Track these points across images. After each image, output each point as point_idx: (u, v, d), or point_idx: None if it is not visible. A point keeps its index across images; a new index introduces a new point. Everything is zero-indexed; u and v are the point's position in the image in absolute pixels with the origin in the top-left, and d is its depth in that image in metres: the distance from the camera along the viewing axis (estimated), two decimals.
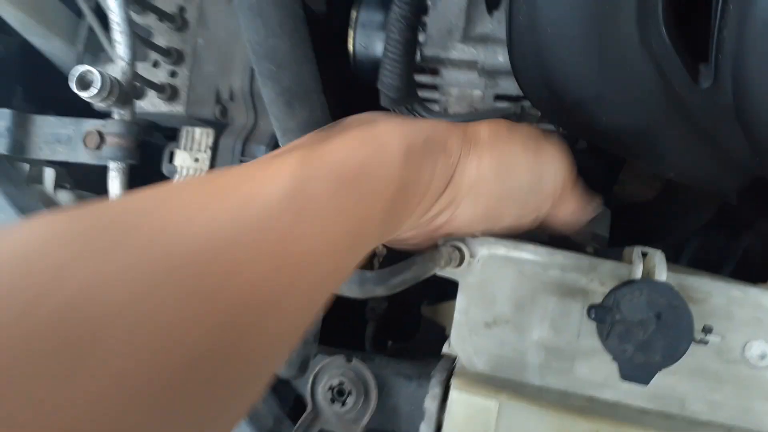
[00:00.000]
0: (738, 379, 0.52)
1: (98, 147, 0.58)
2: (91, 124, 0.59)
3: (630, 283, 0.49)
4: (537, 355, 0.56)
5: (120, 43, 0.53)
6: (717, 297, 0.53)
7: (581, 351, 0.55)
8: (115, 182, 0.56)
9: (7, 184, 0.57)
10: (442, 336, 0.69)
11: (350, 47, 0.67)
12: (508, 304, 0.57)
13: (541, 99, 0.51)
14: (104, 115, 0.62)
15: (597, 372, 0.55)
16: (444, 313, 0.72)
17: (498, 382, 0.57)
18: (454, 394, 0.55)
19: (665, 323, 0.48)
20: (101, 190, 0.63)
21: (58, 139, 0.59)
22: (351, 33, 0.67)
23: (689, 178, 0.54)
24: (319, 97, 0.49)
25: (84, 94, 0.51)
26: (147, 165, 0.78)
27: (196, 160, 0.64)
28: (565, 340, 0.55)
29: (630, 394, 0.54)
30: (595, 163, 0.84)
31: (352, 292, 0.53)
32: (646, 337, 0.49)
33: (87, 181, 0.65)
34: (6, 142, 0.59)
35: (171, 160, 0.66)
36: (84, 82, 0.51)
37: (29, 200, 0.58)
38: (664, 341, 0.48)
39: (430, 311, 0.75)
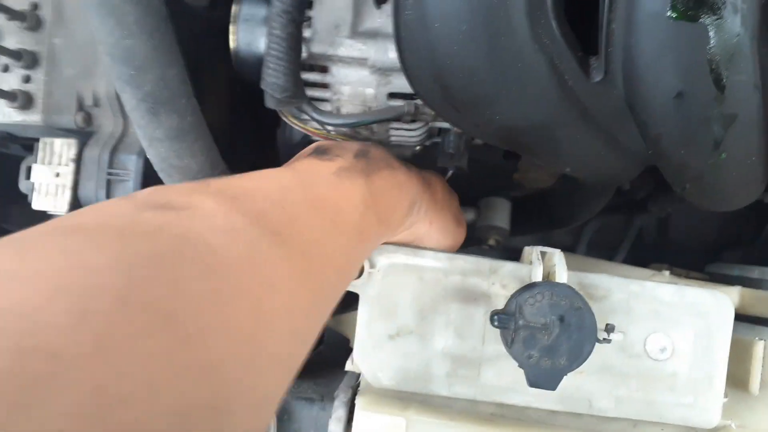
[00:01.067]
0: (641, 374, 0.52)
1: None
2: None
3: (531, 286, 0.48)
4: (443, 364, 0.53)
5: None
6: (617, 293, 0.52)
7: (487, 357, 0.53)
8: None
9: None
10: (347, 347, 0.66)
11: (232, 44, 0.62)
12: (411, 314, 0.54)
13: (433, 97, 0.48)
14: None
15: (503, 377, 0.53)
16: (348, 324, 0.68)
17: (405, 396, 0.54)
18: (359, 414, 0.52)
19: (568, 326, 0.47)
20: None
21: None
22: (232, 29, 0.62)
23: (585, 172, 0.54)
24: (189, 102, 0.44)
25: None
26: (4, 181, 0.69)
27: (57, 174, 0.57)
28: (470, 347, 0.53)
29: (538, 397, 0.53)
30: (490, 155, 0.84)
31: None
32: (551, 342, 0.47)
33: None
34: None
35: (28, 176, 0.58)
36: None
37: None
38: (569, 344, 0.47)
39: (333, 322, 0.71)
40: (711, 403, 0.51)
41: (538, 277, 0.50)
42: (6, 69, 0.58)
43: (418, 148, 0.69)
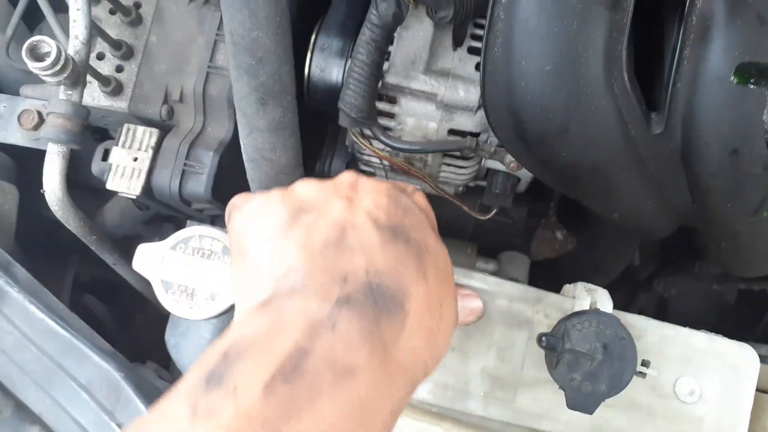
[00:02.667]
0: (669, 414, 0.54)
1: (35, 128, 0.53)
2: (29, 103, 0.54)
3: (580, 313, 0.51)
4: (481, 384, 0.56)
5: (77, 22, 0.50)
6: (651, 335, 0.55)
7: (524, 382, 0.55)
8: (53, 167, 0.51)
9: None
10: None
11: (306, 69, 0.67)
12: (455, 332, 0.56)
13: (506, 130, 0.53)
14: None
15: (538, 403, 0.55)
16: None
17: (440, 411, 0.56)
18: (400, 420, 0.53)
19: (611, 354, 0.50)
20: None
21: None
22: (309, 55, 0.67)
23: (631, 220, 0.58)
24: (293, 99, 0.48)
25: (35, 65, 0.46)
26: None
27: (135, 159, 0.60)
28: (509, 370, 0.56)
29: (568, 426, 0.55)
30: (516, 213, 0.88)
31: None
32: (593, 368, 0.50)
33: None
34: None
35: (105, 158, 0.61)
36: (36, 53, 0.47)
37: None
38: (610, 372, 0.50)
39: None
40: None
41: (584, 307, 0.53)
42: (101, 57, 0.62)
43: (461, 188, 0.74)
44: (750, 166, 0.47)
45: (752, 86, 0.46)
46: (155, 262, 0.50)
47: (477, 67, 0.63)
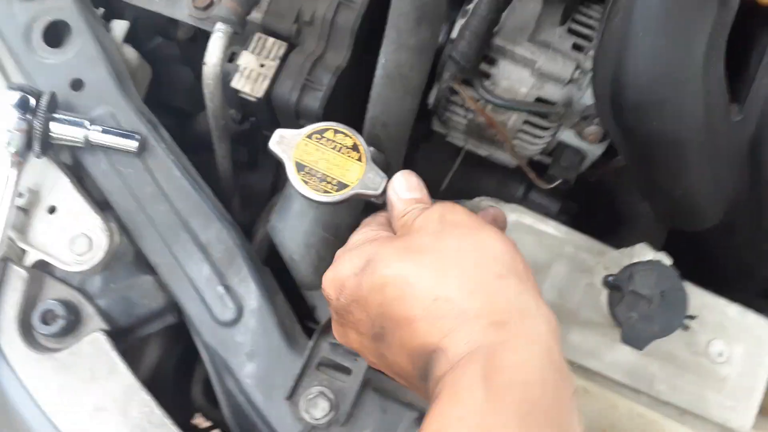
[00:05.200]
0: (699, 370, 0.61)
1: (206, 8, 0.59)
2: None
3: (645, 262, 0.58)
4: None
5: None
6: (693, 299, 0.63)
7: (578, 320, 0.62)
8: (217, 44, 0.56)
9: (90, 16, 0.55)
10: None
11: None
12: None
13: (605, 95, 0.60)
14: None
15: (587, 342, 0.62)
16: None
17: None
18: None
19: (667, 301, 0.57)
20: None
21: None
22: None
23: (691, 198, 0.65)
24: (440, 25, 0.55)
25: None
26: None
27: (262, 65, 0.66)
28: (566, 309, 0.63)
29: (611, 367, 0.62)
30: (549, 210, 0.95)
31: None
32: (650, 310, 0.57)
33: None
34: None
35: (231, 59, 0.67)
36: None
37: (105, 38, 0.56)
38: (663, 316, 0.57)
39: None
40: (748, 411, 0.61)
41: (649, 257, 0.60)
42: None
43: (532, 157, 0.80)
44: None
45: None
46: (290, 145, 0.55)
47: (574, 46, 0.71)
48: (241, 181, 0.82)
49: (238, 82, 0.65)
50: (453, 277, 0.42)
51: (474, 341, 0.39)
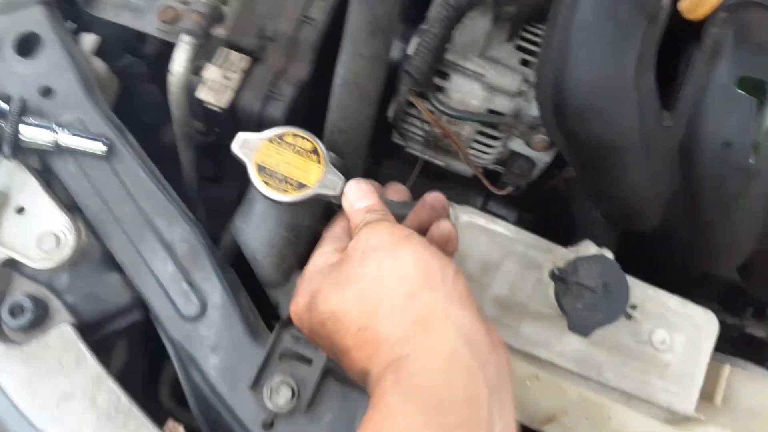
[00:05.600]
0: (643, 357, 0.65)
1: (172, 21, 0.62)
2: (169, 2, 0.63)
3: (590, 256, 0.62)
4: (492, 310, 0.66)
5: None
6: (636, 292, 0.67)
7: (529, 313, 0.66)
8: (182, 54, 0.60)
9: (60, 29, 0.58)
10: None
11: None
12: (477, 265, 0.67)
13: (550, 105, 0.65)
14: None
15: (538, 334, 0.65)
16: None
17: None
18: None
19: (610, 291, 0.61)
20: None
21: (126, 5, 0.61)
22: None
23: (629, 200, 0.70)
24: (390, 41, 0.59)
25: None
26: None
27: (226, 77, 0.69)
28: (517, 303, 0.66)
29: (560, 356, 0.65)
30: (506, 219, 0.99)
31: None
32: (594, 300, 0.61)
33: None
34: None
35: (196, 72, 0.70)
36: None
37: (74, 49, 0.59)
38: (606, 306, 0.61)
39: None
40: (690, 394, 0.64)
41: (593, 252, 0.64)
42: None
43: (486, 167, 0.85)
44: (737, 156, 0.60)
45: (747, 95, 0.59)
46: (252, 148, 0.59)
47: (521, 61, 0.76)
48: (207, 194, 0.85)
49: (202, 93, 0.69)
50: (370, 306, 0.48)
51: (387, 359, 0.45)
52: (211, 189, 0.89)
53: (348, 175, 0.60)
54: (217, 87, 0.69)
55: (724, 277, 0.90)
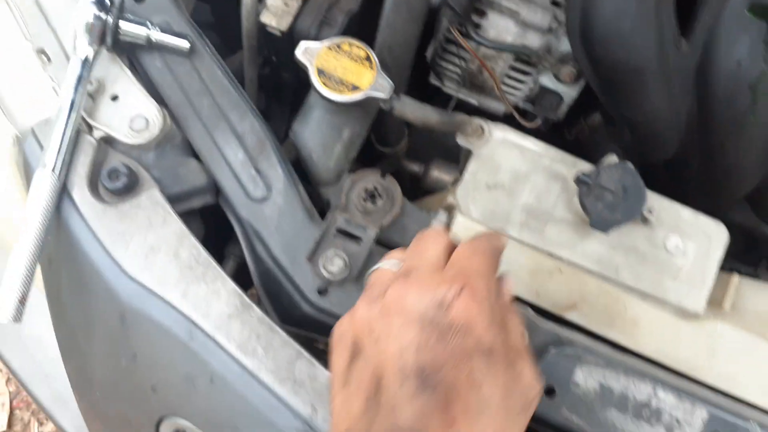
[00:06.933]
0: (658, 261, 0.72)
1: None
2: None
3: (610, 165, 0.69)
4: (521, 215, 0.73)
5: None
6: (652, 201, 0.73)
7: (553, 218, 0.73)
8: None
9: None
10: None
11: None
12: (508, 175, 0.74)
13: (577, 32, 0.72)
14: None
15: (561, 236, 0.72)
16: (427, 205, 0.86)
17: (486, 228, 0.72)
18: (459, 218, 0.70)
19: (628, 194, 0.68)
20: None
21: None
22: None
23: (651, 124, 0.77)
24: None
25: None
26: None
27: (286, 4, 0.78)
28: (543, 209, 0.73)
29: (581, 256, 0.72)
30: None
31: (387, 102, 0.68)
32: (614, 201, 0.68)
33: None
34: None
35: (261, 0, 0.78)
36: None
37: None
38: (625, 206, 0.68)
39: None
40: (700, 295, 0.71)
41: (615, 161, 0.71)
42: None
43: (518, 102, 0.92)
44: (747, 74, 0.67)
45: (758, 19, 0.66)
46: (313, 54, 0.67)
47: (552, 2, 0.83)
48: None
49: (265, 17, 0.77)
50: None
51: None
52: None
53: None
54: (278, 12, 0.77)
55: (738, 225, 0.97)
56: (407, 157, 0.93)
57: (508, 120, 0.90)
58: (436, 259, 0.49)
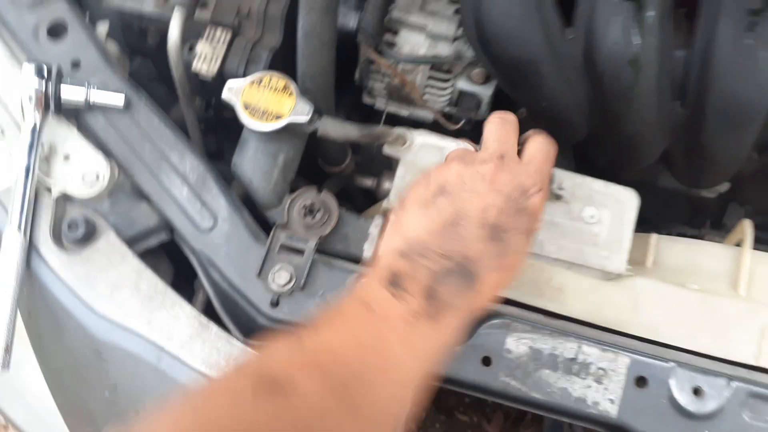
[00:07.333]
0: (576, 231, 0.79)
1: (166, 0, 0.78)
2: None
3: None
4: None
5: None
6: (566, 180, 0.81)
7: None
8: (176, 21, 0.76)
9: (80, 17, 0.75)
10: None
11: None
12: None
13: (473, 33, 0.80)
14: None
15: None
16: (373, 212, 0.94)
17: None
18: None
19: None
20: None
21: None
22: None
23: (554, 110, 0.84)
24: None
25: None
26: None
27: (214, 50, 0.85)
28: None
29: None
30: None
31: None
32: None
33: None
34: None
35: (191, 49, 0.86)
36: None
37: (93, 31, 0.76)
38: None
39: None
40: (620, 256, 0.78)
41: None
42: None
43: (442, 108, 0.99)
44: (626, 52, 0.75)
45: (626, 1, 0.74)
46: (238, 92, 0.74)
47: (455, 11, 0.91)
48: None
49: (196, 66, 0.85)
50: None
51: None
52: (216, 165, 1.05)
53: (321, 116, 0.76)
54: (207, 58, 0.85)
55: (671, 191, 1.05)
56: (360, 174, 1.01)
57: (437, 125, 0.99)
58: (515, 147, 0.69)
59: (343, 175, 1.01)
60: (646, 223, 0.93)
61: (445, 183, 0.63)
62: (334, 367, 0.51)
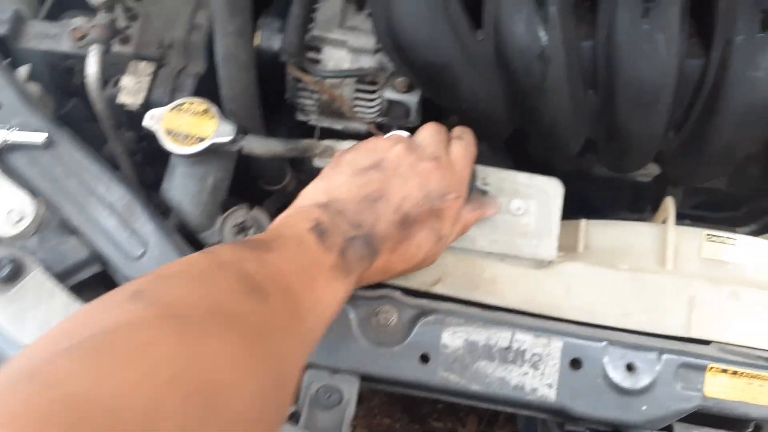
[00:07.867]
0: (506, 224, 0.81)
1: (82, 38, 0.79)
2: (77, 21, 0.81)
3: None
4: None
5: None
6: (491, 175, 0.83)
7: None
8: (93, 58, 0.77)
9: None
10: None
11: (256, 42, 0.96)
12: None
13: (388, 42, 0.82)
14: None
15: None
16: None
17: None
18: None
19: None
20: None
21: (45, 34, 0.79)
22: (258, 33, 0.97)
23: (474, 109, 0.87)
24: (249, 13, 0.77)
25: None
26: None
27: (138, 82, 0.86)
28: None
29: None
30: None
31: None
32: None
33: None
34: (5, 28, 0.79)
35: (116, 84, 0.87)
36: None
37: (12, 74, 0.77)
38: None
39: None
40: (549, 244, 0.80)
41: None
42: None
43: (374, 119, 1.02)
44: (532, 47, 0.78)
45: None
46: (159, 119, 0.76)
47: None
48: (151, 200, 1.01)
49: (122, 97, 0.86)
50: None
51: None
52: (154, 196, 1.06)
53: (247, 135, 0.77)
54: (132, 90, 0.86)
55: (604, 178, 1.08)
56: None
57: (371, 135, 1.00)
58: (449, 154, 0.76)
59: (285, 192, 1.02)
60: (595, 213, 0.96)
61: (383, 160, 0.70)
62: (287, 289, 0.54)
